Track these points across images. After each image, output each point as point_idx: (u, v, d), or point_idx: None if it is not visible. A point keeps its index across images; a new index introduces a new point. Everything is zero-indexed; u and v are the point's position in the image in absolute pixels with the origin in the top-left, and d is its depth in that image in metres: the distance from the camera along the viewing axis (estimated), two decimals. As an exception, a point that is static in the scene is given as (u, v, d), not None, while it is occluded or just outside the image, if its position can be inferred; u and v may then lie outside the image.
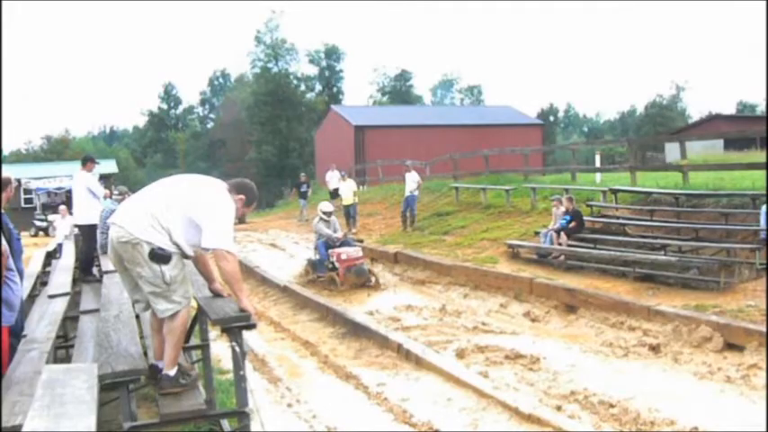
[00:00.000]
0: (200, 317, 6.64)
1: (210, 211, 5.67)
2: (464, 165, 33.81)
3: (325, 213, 18.52)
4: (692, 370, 9.63)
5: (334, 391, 9.87)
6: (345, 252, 17.33)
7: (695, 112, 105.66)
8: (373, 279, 17.38)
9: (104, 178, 35.57)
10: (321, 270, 17.71)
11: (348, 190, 27.51)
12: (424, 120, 57.85)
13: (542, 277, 14.83)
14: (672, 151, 40.37)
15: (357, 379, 10.14)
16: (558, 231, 16.88)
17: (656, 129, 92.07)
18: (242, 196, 6.03)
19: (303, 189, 34.87)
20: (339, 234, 18.38)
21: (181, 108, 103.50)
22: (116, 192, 13.62)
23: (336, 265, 17.15)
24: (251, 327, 5.61)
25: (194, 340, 6.86)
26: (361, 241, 22.99)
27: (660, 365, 10.03)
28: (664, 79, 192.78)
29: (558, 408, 8.43)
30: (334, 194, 31.98)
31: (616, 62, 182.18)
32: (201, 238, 5.60)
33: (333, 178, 33.94)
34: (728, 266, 13.01)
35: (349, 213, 27.17)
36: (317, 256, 18.05)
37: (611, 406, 8.28)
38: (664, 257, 14.13)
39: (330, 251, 17.61)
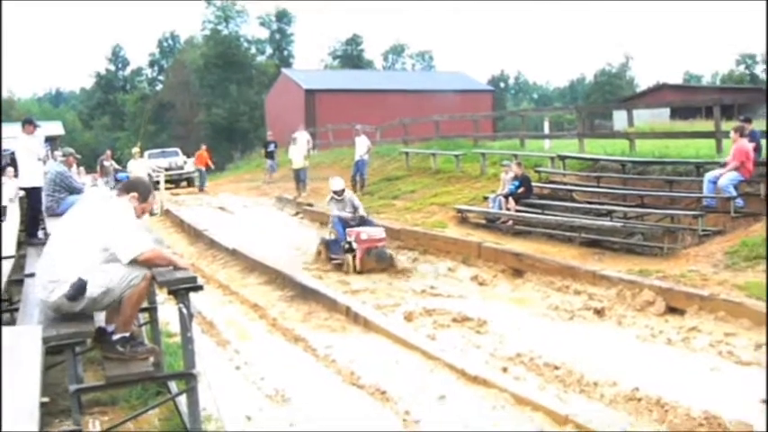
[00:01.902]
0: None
1: (108, 231, 5.56)
2: (414, 130, 33.78)
3: (336, 192, 16.22)
4: (634, 333, 9.79)
5: (282, 353, 9.90)
6: (366, 232, 15.10)
7: (643, 82, 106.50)
8: (394, 264, 15.02)
9: (50, 140, 34.95)
10: (336, 251, 15.47)
11: (298, 154, 27.33)
12: (375, 84, 57.78)
13: (490, 242, 14.95)
14: (619, 119, 40.73)
15: (305, 341, 10.17)
16: (506, 197, 17.00)
17: (604, 97, 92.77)
18: (134, 194, 5.88)
19: (270, 149, 33.51)
20: (361, 211, 16.21)
21: (129, 70, 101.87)
22: (60, 154, 13.41)
23: (354, 245, 14.88)
24: (197, 288, 5.58)
25: (142, 303, 6.82)
26: (311, 205, 23.05)
27: (604, 328, 10.21)
28: (613, 48, 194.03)
29: (504, 369, 8.53)
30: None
31: (566, 31, 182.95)
32: (119, 257, 5.53)
33: (302, 138, 32.90)
34: (672, 233, 13.24)
35: (299, 177, 27.02)
36: (333, 236, 15.97)
37: (556, 368, 8.40)
38: (609, 223, 14.34)
39: (348, 230, 15.35)
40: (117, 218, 5.63)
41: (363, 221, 15.89)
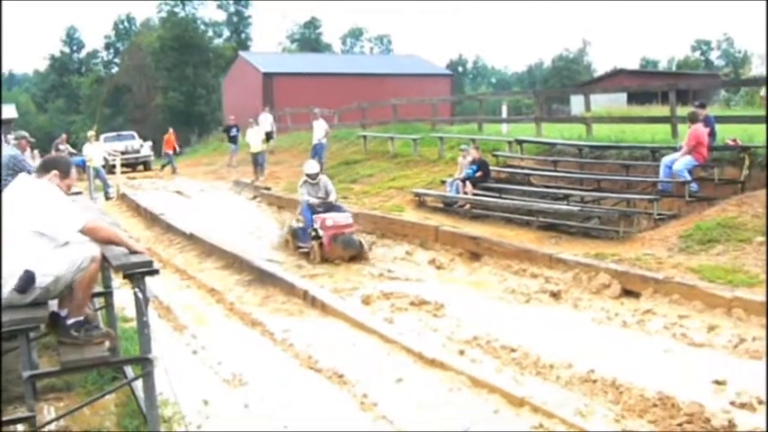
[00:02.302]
0: (102, 264, 6.52)
1: (37, 215, 5.41)
2: (372, 114, 33.75)
3: (309, 175, 15.44)
4: (590, 316, 9.88)
5: (239, 337, 9.87)
6: (331, 218, 14.52)
7: (600, 67, 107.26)
8: (363, 252, 14.47)
9: (3, 123, 34.42)
10: (304, 239, 14.91)
11: (256, 137, 27.18)
12: (334, 68, 57.62)
13: (448, 225, 14.97)
14: (577, 104, 40.93)
15: (263, 326, 10.15)
16: (464, 181, 17.04)
17: (562, 82, 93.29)
18: (54, 172, 5.73)
19: (233, 133, 33.08)
20: (332, 197, 15.44)
21: (84, 52, 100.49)
22: (13, 137, 13.21)
23: (321, 232, 14.32)
24: (153, 272, 5.52)
25: (97, 288, 6.75)
26: (269, 188, 22.96)
27: (560, 311, 10.29)
28: (571, 34, 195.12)
29: (461, 352, 8.57)
30: (269, 136, 31.39)
31: (525, 16, 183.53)
32: (59, 236, 5.44)
33: (265, 121, 32.17)
34: (628, 216, 13.35)
35: (257, 161, 26.88)
36: (301, 224, 15.31)
37: (513, 350, 8.45)
38: (566, 207, 14.42)
39: (314, 217, 14.73)
40: (44, 199, 5.48)
41: (331, 207, 15.07)
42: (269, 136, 31.58)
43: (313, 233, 14.47)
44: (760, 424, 6.06)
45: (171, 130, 36.25)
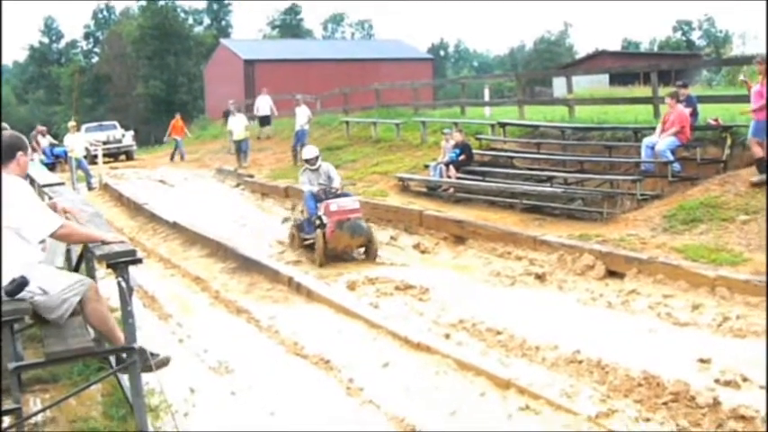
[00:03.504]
0: (86, 254, 6.49)
1: (13, 216, 5.26)
2: (355, 99, 33.66)
3: (308, 161, 14.25)
4: (575, 297, 9.90)
5: (225, 325, 9.86)
6: (336, 203, 13.26)
7: (582, 49, 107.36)
8: (371, 244, 13.30)
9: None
10: (309, 231, 13.74)
11: (239, 125, 27.07)
12: (315, 54, 57.50)
13: (432, 210, 14.98)
14: (559, 86, 41.00)
15: (248, 313, 10.16)
16: (447, 164, 17.04)
17: (544, 64, 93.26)
18: (19, 153, 5.56)
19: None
20: (336, 183, 14.09)
21: (63, 42, 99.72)
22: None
23: (325, 219, 13.09)
24: (137, 261, 5.48)
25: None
26: (252, 176, 22.90)
27: (545, 293, 10.30)
28: (552, 16, 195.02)
29: (447, 336, 8.60)
30: (263, 121, 31.33)
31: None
32: (29, 237, 5.37)
33: (263, 104, 31.99)
34: (611, 197, 13.40)
35: (240, 149, 26.78)
36: (304, 214, 14.12)
37: (498, 333, 8.47)
38: (550, 189, 14.45)
39: (319, 204, 13.53)
40: (18, 200, 5.32)
41: (336, 195, 13.72)
42: (266, 120, 31.45)
43: (317, 221, 13.33)
44: (744, 401, 6.09)
45: (178, 115, 35.42)
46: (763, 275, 8.89)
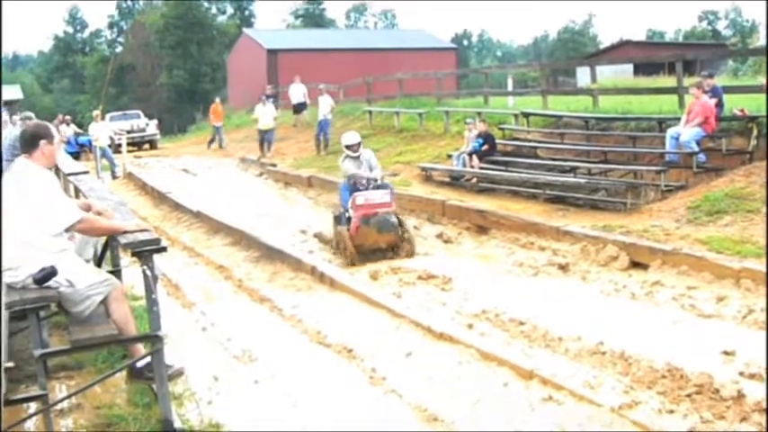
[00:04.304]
0: (111, 242, 6.53)
1: (35, 209, 5.33)
2: (378, 88, 33.60)
3: (350, 147, 13.03)
4: (598, 288, 9.86)
5: (248, 314, 9.90)
6: (363, 195, 12.28)
7: (606, 38, 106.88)
8: (405, 239, 12.37)
9: (8, 105, 34.35)
10: (343, 223, 12.68)
11: (268, 115, 27.04)
12: (338, 43, 57.36)
13: (455, 199, 14.97)
14: (583, 76, 40.81)
15: (271, 301, 10.18)
16: (470, 154, 17.03)
17: (568, 54, 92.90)
18: (42, 142, 5.58)
19: (270, 103, 30.24)
20: (376, 173, 12.92)
21: (87, 32, 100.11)
22: (19, 118, 13.21)
23: (351, 213, 12.31)
24: (162, 250, 5.51)
25: (106, 267, 6.76)
26: (275, 165, 22.95)
27: (568, 284, 10.28)
28: (576, 5, 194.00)
29: (470, 326, 8.59)
30: (298, 109, 30.99)
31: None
32: (49, 229, 5.36)
33: (297, 91, 31.29)
34: (635, 188, 13.36)
35: (264, 139, 26.79)
36: (341, 205, 13.13)
37: (521, 323, 8.46)
38: (573, 179, 14.42)
39: (352, 195, 12.52)
40: (40, 192, 5.40)
41: (376, 187, 12.68)
42: (300, 108, 30.90)
43: (347, 215, 12.49)
44: (770, 394, 6.06)
45: (218, 100, 34.46)
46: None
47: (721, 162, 13.37)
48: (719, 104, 14.22)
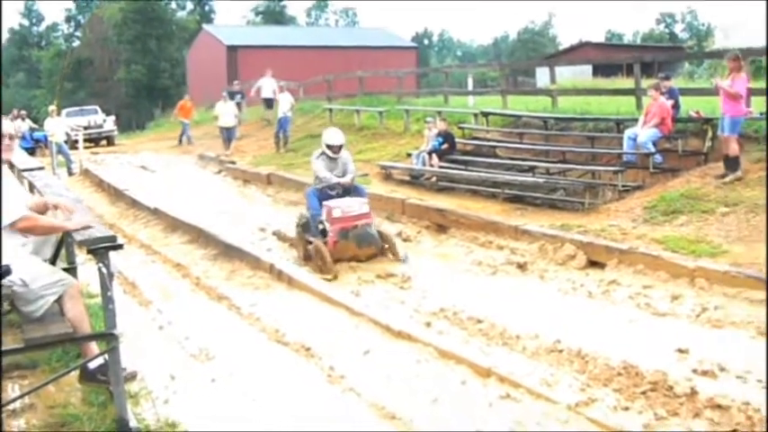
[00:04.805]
0: (66, 239, 6.45)
1: None
2: (338, 86, 33.57)
3: (331, 147, 12.05)
4: (556, 286, 9.94)
5: (206, 312, 9.81)
6: (339, 207, 11.40)
7: (566, 39, 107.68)
8: (387, 249, 11.67)
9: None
10: (315, 233, 11.70)
11: (229, 113, 26.85)
12: (299, 41, 57.29)
13: (414, 198, 14.99)
14: (542, 76, 41.08)
15: (229, 300, 10.10)
16: (430, 153, 17.06)
17: (527, 54, 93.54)
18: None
19: (237, 100, 30.43)
20: (347, 178, 12.00)
21: (44, 25, 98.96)
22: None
23: (327, 226, 11.41)
24: (117, 247, 5.46)
25: (61, 264, 6.68)
26: (234, 163, 22.84)
27: (527, 282, 10.33)
28: (537, 6, 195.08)
29: (428, 324, 8.60)
30: (269, 104, 30.36)
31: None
32: None
33: (267, 86, 30.63)
34: (593, 188, 13.49)
35: (229, 136, 26.60)
36: (308, 212, 12.12)
37: (479, 321, 8.49)
38: (532, 179, 14.50)
39: (324, 204, 11.62)
40: None
41: (347, 191, 11.99)
42: (269, 103, 30.28)
43: (320, 226, 11.57)
44: (721, 391, 6.14)
45: (187, 97, 33.84)
46: (741, 267, 8.98)
47: (677, 163, 13.55)
48: (676, 106, 14.41)
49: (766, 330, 7.63)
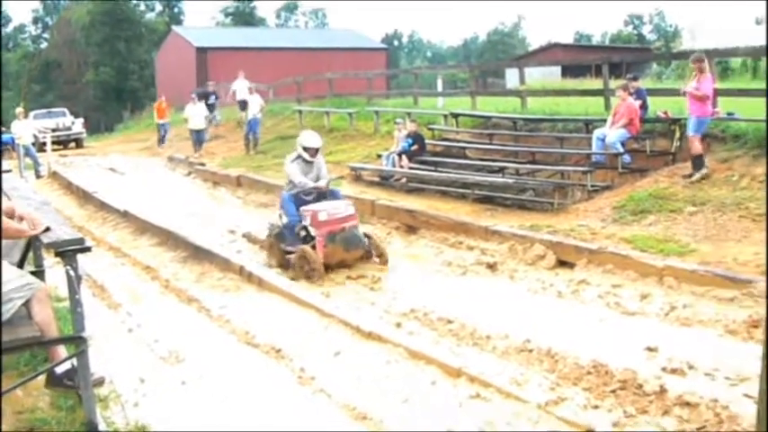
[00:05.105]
0: (33, 242, 6.39)
1: None
2: (308, 88, 33.56)
3: (308, 150, 11.64)
4: (526, 286, 9.97)
5: (176, 314, 9.75)
6: (325, 209, 11.04)
7: (535, 41, 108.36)
8: (374, 252, 11.44)
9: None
10: (292, 241, 11.37)
11: (199, 115, 26.71)
12: (268, 42, 57.12)
13: (384, 199, 14.99)
14: (512, 77, 41.25)
15: (199, 302, 10.05)
16: (399, 154, 17.08)
17: (497, 56, 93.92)
18: None
19: (211, 101, 30.49)
20: (322, 182, 11.61)
21: (11, 26, 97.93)
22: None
23: (312, 231, 11.00)
24: (86, 249, 5.41)
25: (29, 267, 6.61)
26: (203, 165, 22.75)
27: (497, 283, 10.36)
28: (506, 8, 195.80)
29: (398, 325, 8.61)
30: (243, 106, 29.33)
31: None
32: None
33: (242, 88, 29.84)
34: (562, 188, 13.56)
35: (196, 138, 26.47)
36: (284, 219, 11.67)
37: (450, 322, 8.50)
38: (501, 180, 14.54)
39: (302, 210, 11.27)
40: None
41: (323, 195, 11.53)
42: (244, 105, 28.81)
43: (302, 233, 11.21)
44: (689, 389, 6.19)
45: (163, 97, 33.53)
46: (709, 266, 9.09)
47: (645, 163, 13.66)
48: (644, 106, 14.52)
49: (765, 333, 7.72)
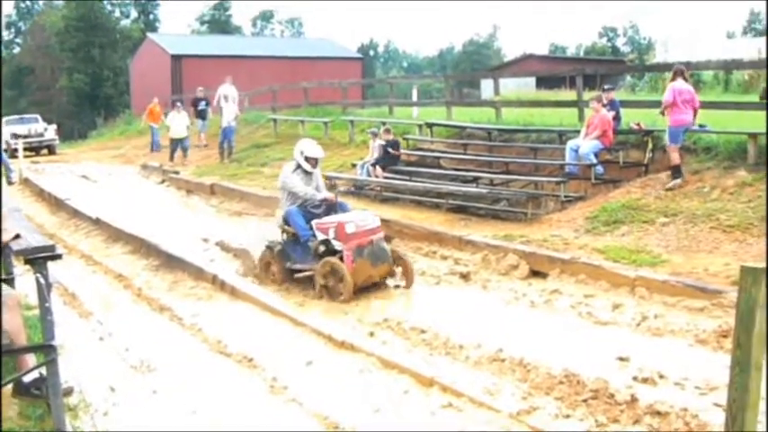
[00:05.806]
0: (3, 249, 6.33)
1: None
2: (283, 97, 33.48)
3: (309, 160, 11.12)
4: (499, 296, 10.00)
5: (147, 323, 9.68)
6: (352, 221, 10.25)
7: (510, 52, 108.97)
8: (402, 273, 10.71)
9: None
10: (301, 257, 10.67)
11: (181, 123, 26.45)
12: (244, 50, 56.99)
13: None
14: (487, 88, 41.42)
15: (171, 311, 9.99)
16: (374, 164, 17.10)
17: (472, 66, 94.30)
18: None
19: (201, 107, 29.53)
20: (326, 194, 11.14)
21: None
22: None
23: (338, 245, 10.08)
24: (56, 257, 5.38)
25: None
26: (177, 173, 22.65)
27: (470, 292, 10.38)
28: (482, 19, 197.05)
29: (371, 334, 8.60)
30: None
31: (436, 1, 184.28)
32: None
33: (231, 93, 28.21)
34: (536, 198, 13.63)
35: (179, 146, 26.20)
36: (286, 235, 11.03)
37: (423, 331, 8.50)
38: (475, 189, 14.60)
39: (316, 223, 10.47)
40: None
41: (332, 208, 10.92)
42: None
43: (321, 248, 10.31)
44: (660, 398, 6.22)
45: (156, 100, 32.66)
46: (680, 276, 9.19)
47: (618, 174, 13.75)
48: (617, 118, 14.64)
49: (734, 337, 7.76)
